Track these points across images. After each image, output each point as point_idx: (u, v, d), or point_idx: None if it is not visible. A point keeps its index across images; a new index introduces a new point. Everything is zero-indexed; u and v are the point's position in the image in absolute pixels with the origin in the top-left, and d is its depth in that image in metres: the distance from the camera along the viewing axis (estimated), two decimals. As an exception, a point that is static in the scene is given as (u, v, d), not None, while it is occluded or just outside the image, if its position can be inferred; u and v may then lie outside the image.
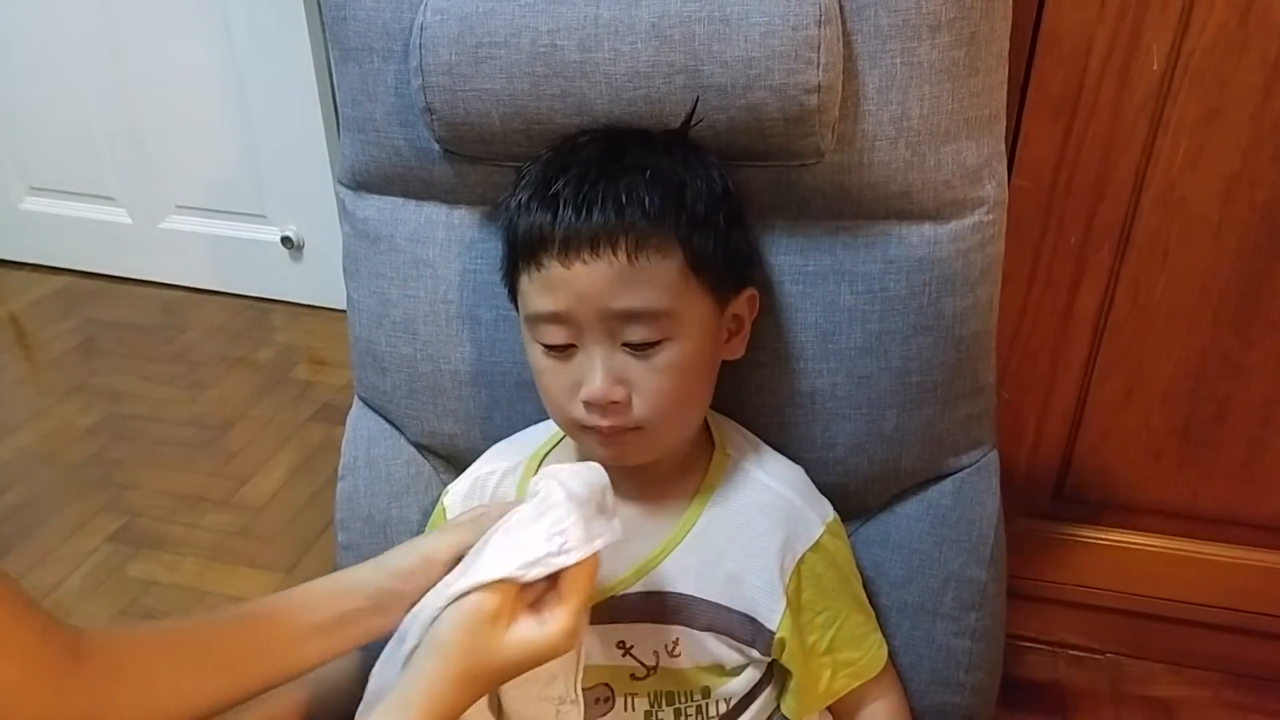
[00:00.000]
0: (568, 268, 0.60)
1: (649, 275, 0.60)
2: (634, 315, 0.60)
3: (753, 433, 0.74)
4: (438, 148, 0.75)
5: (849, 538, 0.76)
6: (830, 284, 0.73)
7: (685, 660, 0.66)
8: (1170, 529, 1.08)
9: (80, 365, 1.94)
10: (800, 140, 0.68)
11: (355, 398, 0.87)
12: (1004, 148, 0.74)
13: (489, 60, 0.69)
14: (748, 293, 0.68)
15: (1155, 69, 0.85)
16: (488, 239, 0.77)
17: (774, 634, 0.66)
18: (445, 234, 0.79)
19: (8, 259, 2.32)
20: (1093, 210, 0.93)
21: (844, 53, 0.67)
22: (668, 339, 0.61)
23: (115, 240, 2.20)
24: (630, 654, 0.67)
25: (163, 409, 1.78)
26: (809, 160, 0.69)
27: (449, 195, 0.78)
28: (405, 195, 0.80)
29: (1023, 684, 1.17)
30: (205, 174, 2.06)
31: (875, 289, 0.72)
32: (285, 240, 2.03)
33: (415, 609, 0.57)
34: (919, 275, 0.72)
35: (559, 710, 0.61)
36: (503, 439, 0.78)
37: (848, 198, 0.72)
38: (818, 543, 0.68)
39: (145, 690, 0.57)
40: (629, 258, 0.59)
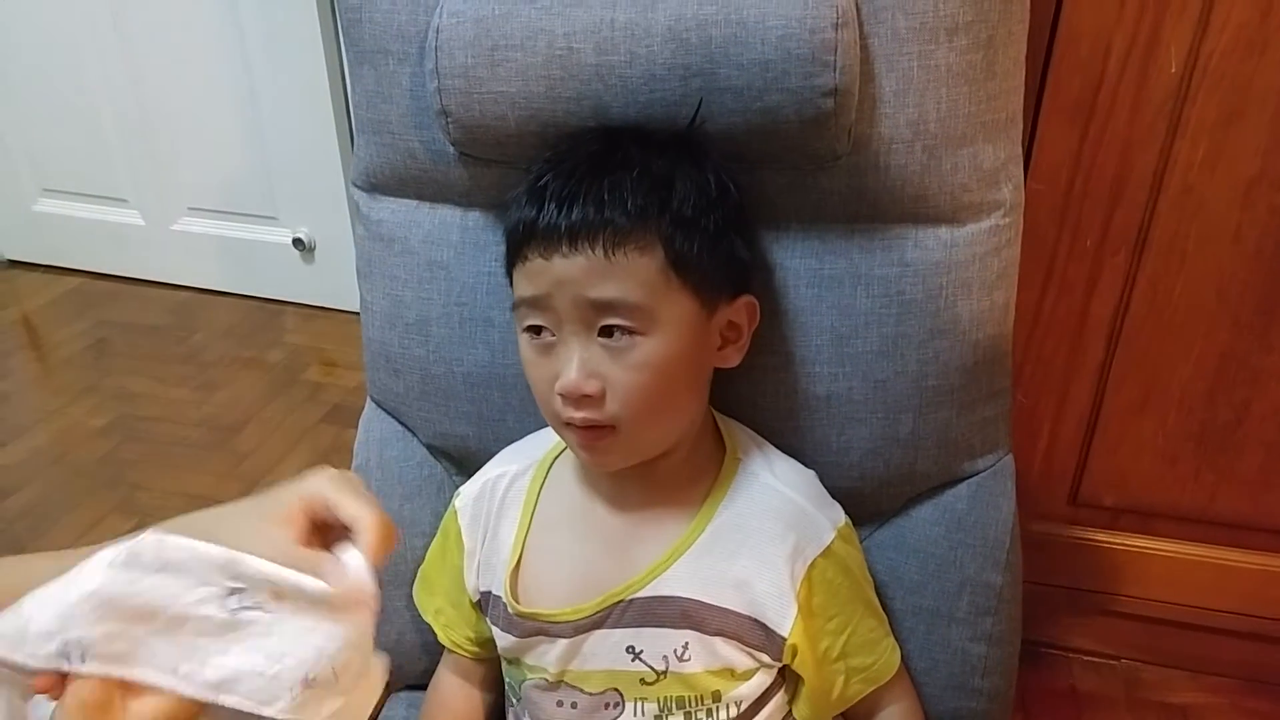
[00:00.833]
0: (548, 259, 0.61)
1: (626, 269, 0.60)
2: (609, 306, 0.60)
3: (767, 436, 0.74)
4: (453, 150, 0.75)
5: (864, 542, 0.76)
6: (846, 287, 0.72)
7: (695, 664, 0.66)
8: (1187, 534, 1.07)
9: (92, 366, 1.95)
10: (817, 143, 0.67)
11: (368, 399, 0.87)
12: (1021, 151, 0.73)
13: (505, 63, 0.69)
14: (745, 300, 0.67)
15: (1174, 71, 0.85)
16: (501, 241, 0.76)
17: (785, 639, 0.66)
18: (459, 236, 0.79)
19: (21, 260, 2.34)
20: (1109, 213, 0.92)
21: (861, 56, 0.66)
22: (642, 335, 0.61)
23: (127, 242, 2.21)
24: (640, 659, 0.66)
25: (174, 410, 1.79)
26: (825, 163, 0.69)
27: (463, 198, 0.78)
28: (420, 197, 0.80)
29: (1038, 689, 1.16)
30: (217, 176, 2.07)
31: (891, 292, 0.72)
32: (297, 242, 2.04)
33: None
34: (935, 279, 0.71)
35: None
36: (515, 441, 0.78)
37: (864, 201, 0.71)
38: (829, 548, 0.68)
39: None
40: (606, 252, 0.60)
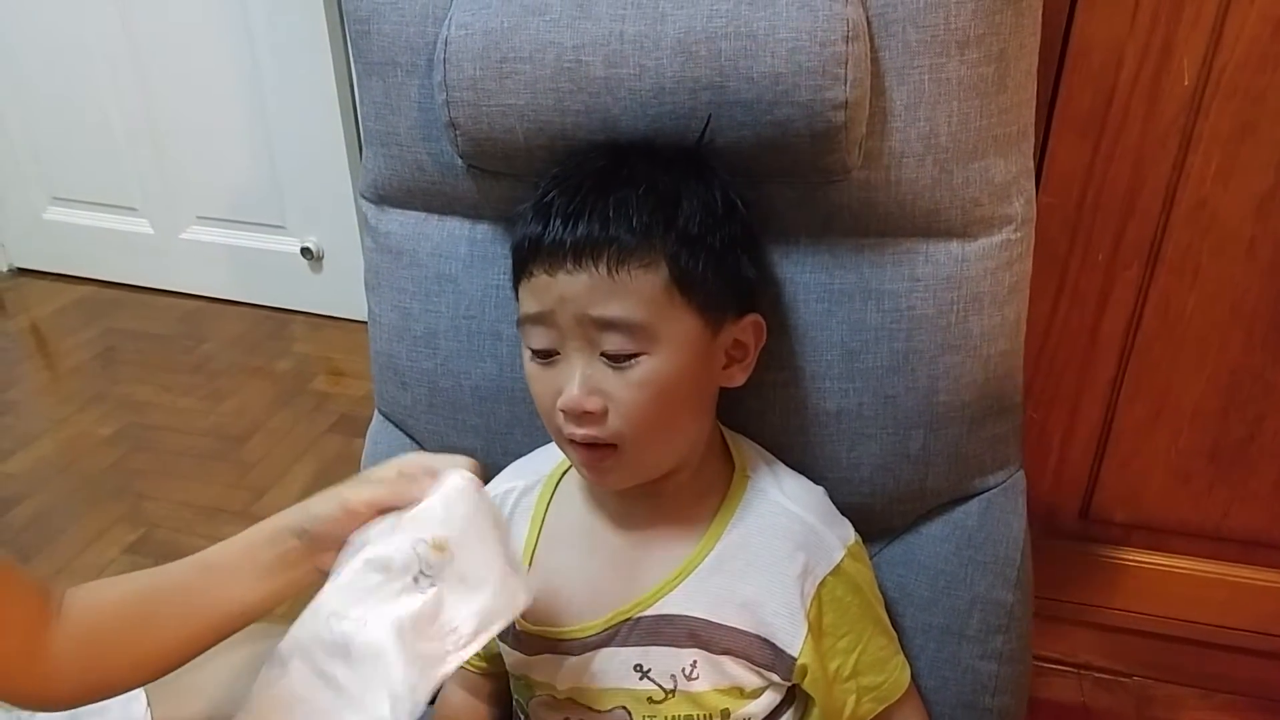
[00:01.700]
0: (552, 275, 0.61)
1: (630, 287, 0.60)
2: (611, 324, 0.60)
3: (777, 452, 0.73)
4: (461, 163, 0.75)
5: (873, 558, 0.75)
6: (856, 302, 0.72)
7: (703, 683, 0.65)
8: (1199, 551, 1.07)
9: (100, 374, 1.95)
10: (827, 157, 0.67)
11: (375, 411, 0.87)
12: (1032, 165, 0.73)
13: (513, 75, 0.69)
14: (751, 318, 0.67)
15: (1186, 84, 0.84)
16: (509, 254, 0.76)
17: (795, 659, 0.65)
18: (468, 249, 0.79)
19: (30, 268, 2.35)
20: (1121, 227, 0.92)
21: (872, 69, 0.66)
22: (645, 353, 0.60)
23: (136, 250, 2.22)
24: (648, 677, 0.66)
25: (181, 419, 1.79)
26: (835, 177, 0.69)
27: (472, 210, 0.78)
28: (428, 210, 0.80)
29: (1048, 706, 1.15)
30: (226, 185, 2.08)
31: (902, 307, 0.71)
32: (305, 251, 2.04)
33: (295, 628, 0.56)
34: (946, 293, 0.71)
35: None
36: (522, 455, 0.77)
37: (874, 215, 0.71)
38: (838, 566, 0.67)
39: (124, 649, 0.59)
40: (610, 270, 0.59)
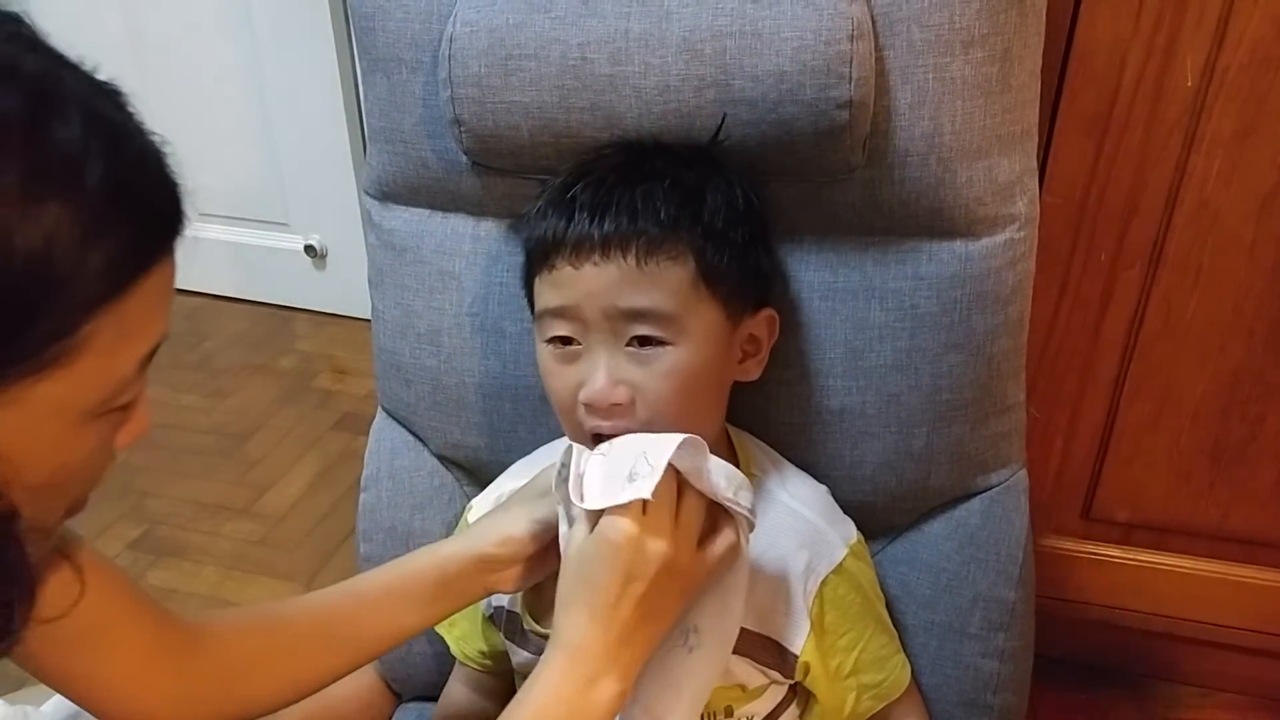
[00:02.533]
0: (578, 268, 0.60)
1: (658, 278, 0.60)
2: (640, 315, 0.60)
3: (780, 450, 0.74)
4: (465, 159, 0.75)
5: (876, 556, 0.75)
6: (860, 300, 0.72)
7: (707, 681, 0.66)
8: (1200, 550, 1.07)
9: (103, 372, 1.96)
10: (831, 155, 0.67)
11: (379, 408, 0.87)
12: (1035, 164, 0.73)
13: (518, 73, 0.69)
14: (766, 313, 0.67)
15: (1189, 84, 0.84)
16: (514, 252, 0.77)
17: (798, 657, 0.66)
18: (471, 246, 0.79)
19: (33, 266, 2.35)
20: (1124, 227, 0.92)
21: (876, 68, 0.66)
22: (672, 344, 0.60)
23: None
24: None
25: (184, 417, 1.79)
26: (840, 175, 0.69)
27: (476, 207, 0.78)
28: (431, 207, 0.80)
29: (1050, 704, 1.16)
30: (228, 182, 2.08)
31: (905, 306, 0.72)
32: (308, 249, 2.04)
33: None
34: (950, 292, 0.71)
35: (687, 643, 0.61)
36: (526, 453, 0.78)
37: (878, 213, 0.71)
38: (840, 565, 0.67)
39: (266, 674, 0.61)
40: (638, 261, 0.60)
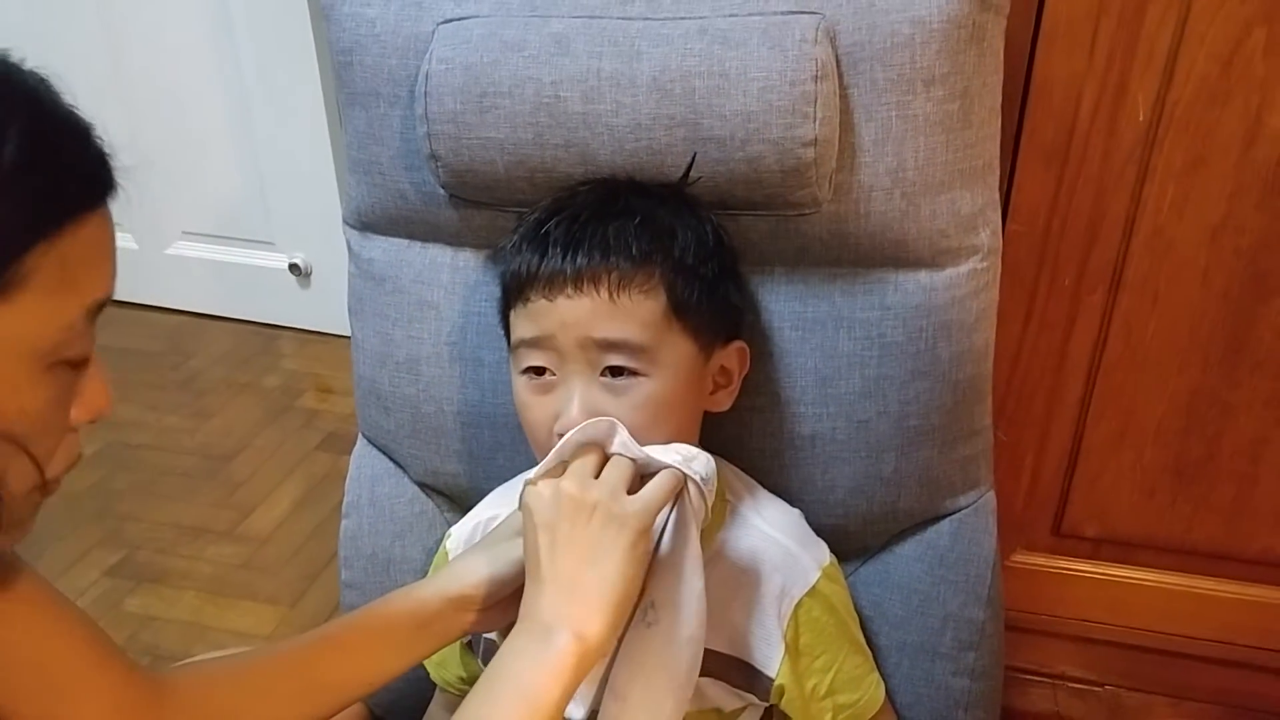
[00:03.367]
0: (552, 300, 0.62)
1: (631, 311, 0.61)
2: (613, 345, 0.61)
3: (754, 475, 0.75)
4: (443, 192, 0.76)
5: (849, 577, 0.77)
6: (829, 330, 0.74)
7: (684, 703, 0.67)
8: (1165, 564, 1.09)
9: (84, 392, 1.94)
10: (798, 191, 0.69)
11: (359, 435, 0.88)
12: (998, 197, 0.75)
13: (493, 110, 0.70)
14: (737, 345, 0.69)
15: (1141, 119, 0.87)
16: (492, 282, 0.78)
17: (773, 680, 0.67)
18: (450, 276, 0.80)
19: (13, 285, 2.33)
20: (1086, 253, 0.94)
21: (840, 106, 0.68)
22: (645, 375, 0.62)
23: (121, 266, 2.16)
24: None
25: (166, 438, 1.78)
26: (807, 210, 0.71)
27: (454, 238, 0.80)
28: (410, 237, 0.81)
29: (1024, 715, 1.17)
30: (212, 200, 2.07)
31: (873, 335, 0.74)
32: (293, 267, 2.04)
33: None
34: (916, 321, 0.73)
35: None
36: (505, 480, 0.79)
37: (845, 246, 0.73)
38: (814, 588, 0.69)
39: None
40: (611, 294, 0.61)
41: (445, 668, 0.76)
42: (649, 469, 0.60)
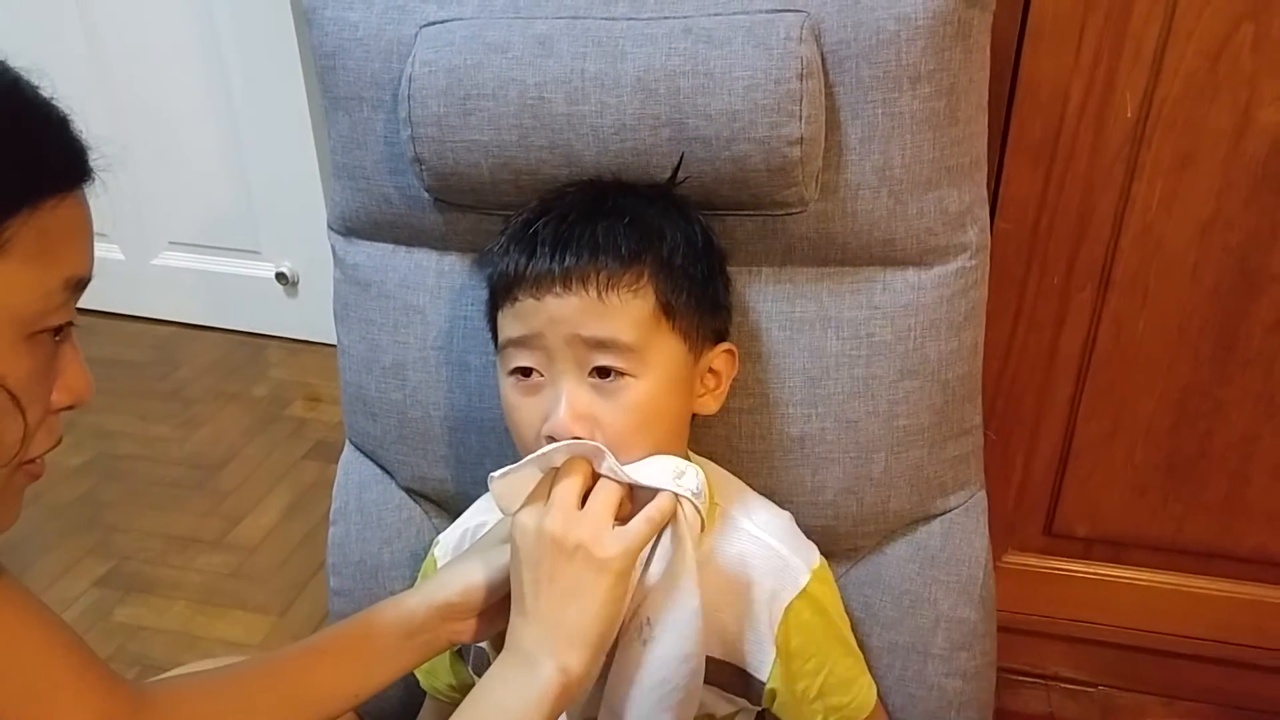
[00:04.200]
0: (539, 299, 0.61)
1: (619, 310, 0.61)
2: (601, 344, 0.61)
3: (743, 477, 0.75)
4: (427, 196, 0.76)
5: (839, 579, 0.77)
6: (817, 330, 0.74)
7: (675, 710, 0.66)
8: (1157, 563, 1.09)
9: (70, 403, 1.93)
10: (784, 190, 0.69)
11: (347, 442, 0.87)
12: (985, 194, 0.75)
13: (477, 112, 0.70)
14: (725, 347, 0.69)
15: (1129, 115, 0.87)
16: (477, 286, 0.78)
17: (764, 684, 0.67)
18: (435, 280, 0.80)
19: None
20: (1075, 251, 0.94)
21: (826, 104, 0.68)
22: (634, 376, 0.61)
23: (108, 276, 2.16)
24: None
25: (154, 448, 1.77)
26: (794, 209, 0.71)
27: (439, 242, 0.79)
28: (395, 242, 0.81)
29: (1017, 716, 1.17)
30: (199, 210, 2.07)
31: (861, 334, 0.73)
32: (280, 276, 2.04)
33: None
34: (904, 320, 0.73)
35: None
36: (493, 485, 0.78)
37: (833, 245, 0.73)
38: (805, 590, 0.68)
39: None
40: (600, 293, 0.61)
41: (435, 676, 0.76)
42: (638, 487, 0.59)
